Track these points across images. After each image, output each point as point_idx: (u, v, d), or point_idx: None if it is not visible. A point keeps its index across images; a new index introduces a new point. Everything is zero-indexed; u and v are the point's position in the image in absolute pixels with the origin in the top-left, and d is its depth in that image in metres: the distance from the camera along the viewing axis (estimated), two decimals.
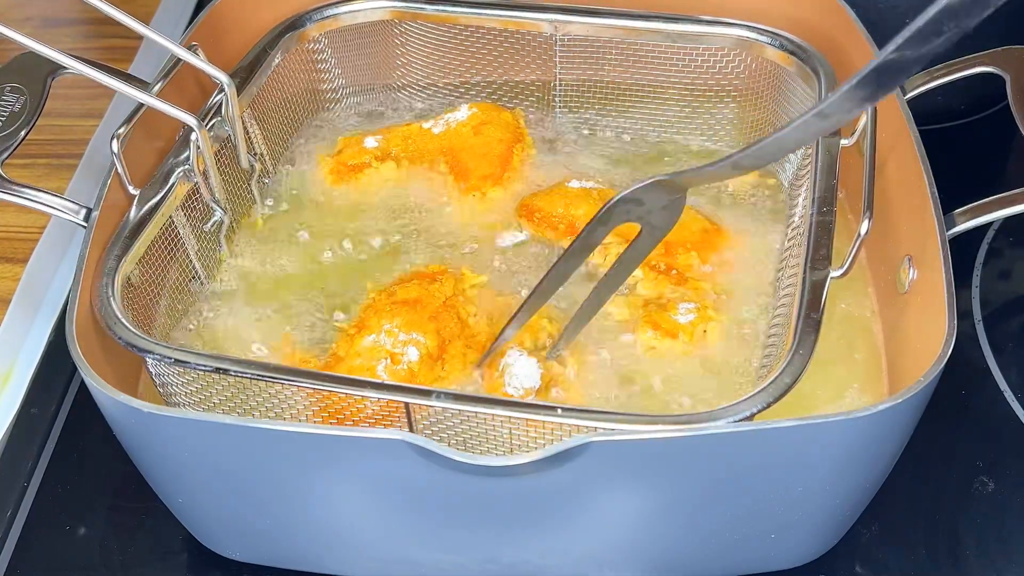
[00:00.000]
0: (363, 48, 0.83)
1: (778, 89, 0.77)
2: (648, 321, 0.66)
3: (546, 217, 0.74)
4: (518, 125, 0.81)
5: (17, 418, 0.71)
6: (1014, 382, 0.72)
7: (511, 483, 0.53)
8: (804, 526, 0.59)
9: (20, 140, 0.66)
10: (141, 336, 0.58)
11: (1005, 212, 0.60)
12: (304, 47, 0.80)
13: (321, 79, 0.83)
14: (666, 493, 0.55)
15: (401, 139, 0.79)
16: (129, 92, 0.65)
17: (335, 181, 0.78)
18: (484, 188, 0.76)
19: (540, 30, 0.79)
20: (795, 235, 0.68)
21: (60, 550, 0.66)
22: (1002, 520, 0.65)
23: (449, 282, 0.68)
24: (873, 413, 0.51)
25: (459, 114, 0.80)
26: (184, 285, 0.69)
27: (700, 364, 0.65)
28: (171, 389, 0.60)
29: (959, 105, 0.91)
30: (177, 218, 0.67)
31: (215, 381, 0.58)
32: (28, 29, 0.99)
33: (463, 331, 0.66)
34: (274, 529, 0.60)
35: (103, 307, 0.59)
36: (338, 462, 0.54)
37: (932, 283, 0.60)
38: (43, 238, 0.80)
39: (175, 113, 0.65)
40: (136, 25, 0.66)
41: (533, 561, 0.60)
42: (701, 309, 0.67)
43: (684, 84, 0.79)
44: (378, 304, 0.67)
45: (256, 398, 0.58)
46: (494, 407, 0.54)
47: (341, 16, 0.80)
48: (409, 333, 0.64)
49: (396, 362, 0.63)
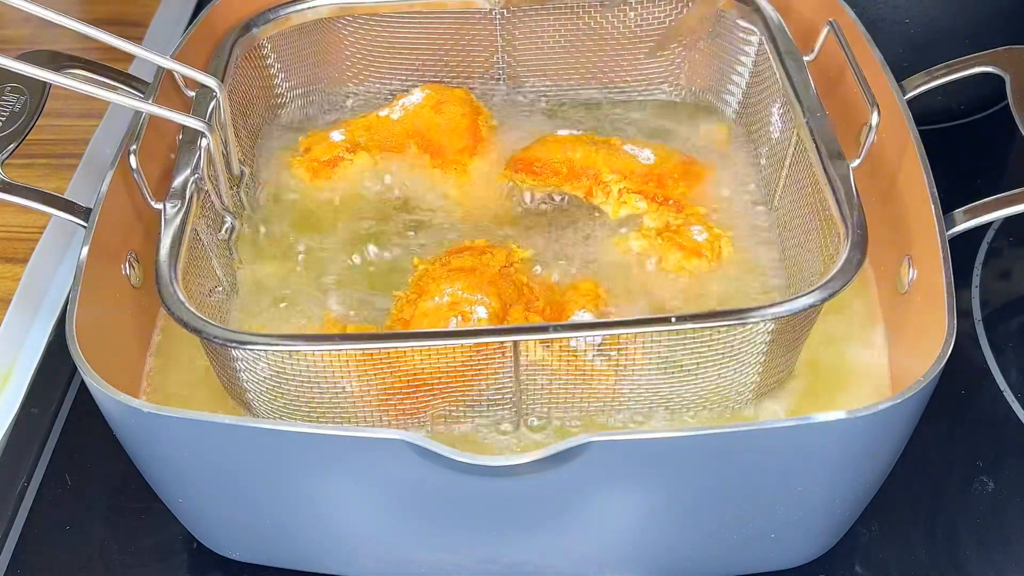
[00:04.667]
0: (306, 48, 0.82)
1: (719, 34, 0.80)
2: (672, 244, 0.69)
3: (547, 164, 0.75)
4: (471, 100, 0.81)
5: (17, 418, 0.71)
6: (1014, 382, 0.72)
7: (511, 483, 0.53)
8: (804, 526, 0.59)
9: (20, 140, 0.66)
10: (237, 332, 0.57)
11: (1005, 212, 0.60)
12: (254, 52, 0.79)
13: (272, 82, 0.82)
14: (666, 493, 0.55)
15: (363, 130, 0.79)
16: (134, 104, 0.64)
17: (313, 178, 0.77)
18: (464, 161, 0.77)
19: (477, 6, 0.80)
20: (778, 149, 0.73)
21: (60, 550, 0.66)
22: (1002, 520, 0.65)
23: (501, 253, 0.69)
24: (873, 413, 0.51)
25: (413, 97, 0.80)
26: (208, 295, 0.67)
27: (729, 275, 0.69)
28: (260, 386, 0.59)
29: (959, 105, 0.91)
30: (199, 227, 0.66)
31: (313, 364, 0.57)
32: (28, 29, 0.99)
33: (521, 297, 0.66)
34: (274, 529, 0.60)
35: (186, 315, 0.57)
36: (338, 462, 0.54)
37: (932, 283, 0.60)
38: (43, 238, 0.80)
39: (184, 120, 0.65)
40: (121, 43, 0.65)
41: (533, 561, 0.60)
42: (710, 228, 0.70)
43: (627, 36, 0.81)
44: (434, 272, 0.67)
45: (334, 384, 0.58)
46: (610, 328, 0.58)
47: (284, 18, 0.80)
48: (473, 294, 0.64)
49: (466, 320, 0.63)
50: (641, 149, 0.76)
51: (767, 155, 0.75)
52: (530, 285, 0.68)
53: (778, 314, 0.56)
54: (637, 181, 0.73)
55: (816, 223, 0.65)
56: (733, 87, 0.81)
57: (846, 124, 0.71)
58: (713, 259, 0.69)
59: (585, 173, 0.74)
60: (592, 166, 0.74)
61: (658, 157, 0.75)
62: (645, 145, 0.77)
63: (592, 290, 0.67)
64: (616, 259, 0.71)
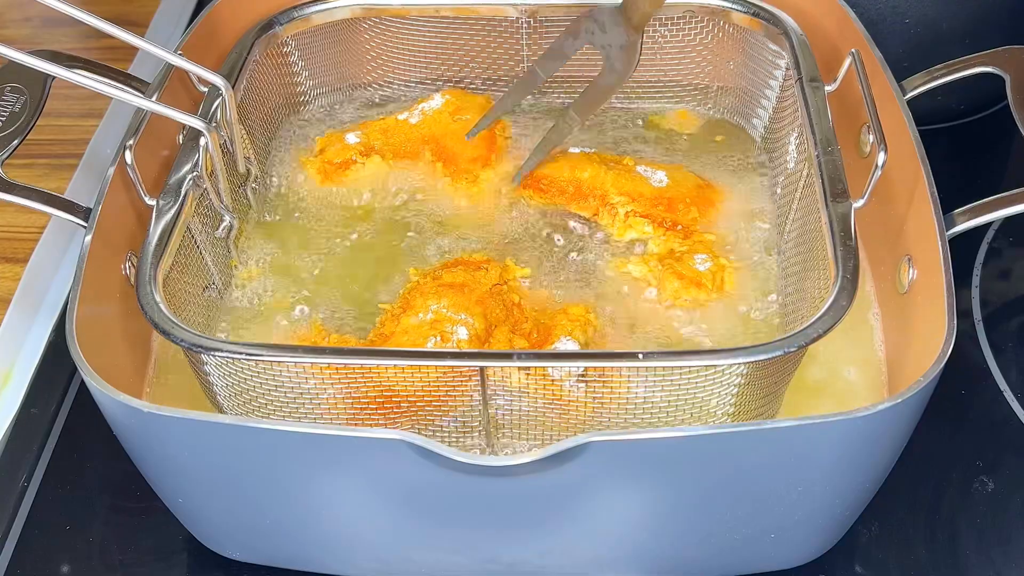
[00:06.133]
0: (330, 47, 0.82)
1: (745, 52, 0.79)
2: (672, 273, 0.68)
3: (553, 183, 0.74)
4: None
5: (17, 418, 0.71)
6: (1014, 382, 0.72)
7: (511, 483, 0.53)
8: (804, 526, 0.59)
9: (20, 140, 0.66)
10: (204, 336, 0.56)
11: (1005, 212, 0.60)
12: (275, 50, 0.80)
13: (293, 81, 0.82)
14: (666, 493, 0.55)
15: (380, 133, 0.79)
16: (135, 101, 0.64)
17: (323, 180, 0.77)
18: (475, 171, 0.77)
19: (505, 14, 0.79)
20: (792, 180, 0.71)
21: (60, 550, 0.66)
22: (1002, 520, 0.65)
23: (495, 270, 0.68)
24: (873, 413, 0.51)
25: (433, 102, 0.80)
26: (201, 293, 0.67)
27: (726, 309, 0.68)
28: (229, 390, 0.59)
29: (959, 105, 0.91)
30: (193, 225, 0.66)
31: (279, 374, 0.56)
32: (28, 30, 0.99)
33: (508, 317, 0.65)
34: (274, 529, 0.60)
35: (158, 316, 0.57)
36: (338, 462, 0.54)
37: (932, 283, 0.60)
38: (43, 238, 0.80)
39: (183, 118, 0.65)
40: (128, 37, 0.65)
41: (533, 561, 0.60)
42: (714, 258, 0.69)
43: (654, 52, 0.81)
44: (423, 286, 0.67)
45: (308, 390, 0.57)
46: (577, 360, 0.56)
47: (307, 17, 0.80)
48: (458, 313, 0.63)
49: (446, 340, 0.62)
50: (655, 171, 0.74)
51: (783, 184, 0.74)
52: (521, 306, 0.67)
53: (751, 359, 0.54)
54: (646, 204, 0.72)
55: (815, 262, 0.64)
56: (760, 111, 0.80)
57: (847, 121, 0.71)
58: (714, 290, 0.68)
59: (592, 193, 0.73)
60: (600, 187, 0.73)
61: (672, 180, 0.74)
62: (660, 167, 0.75)
63: (582, 316, 0.66)
64: (614, 284, 0.70)
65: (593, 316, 0.66)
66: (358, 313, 0.69)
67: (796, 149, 0.72)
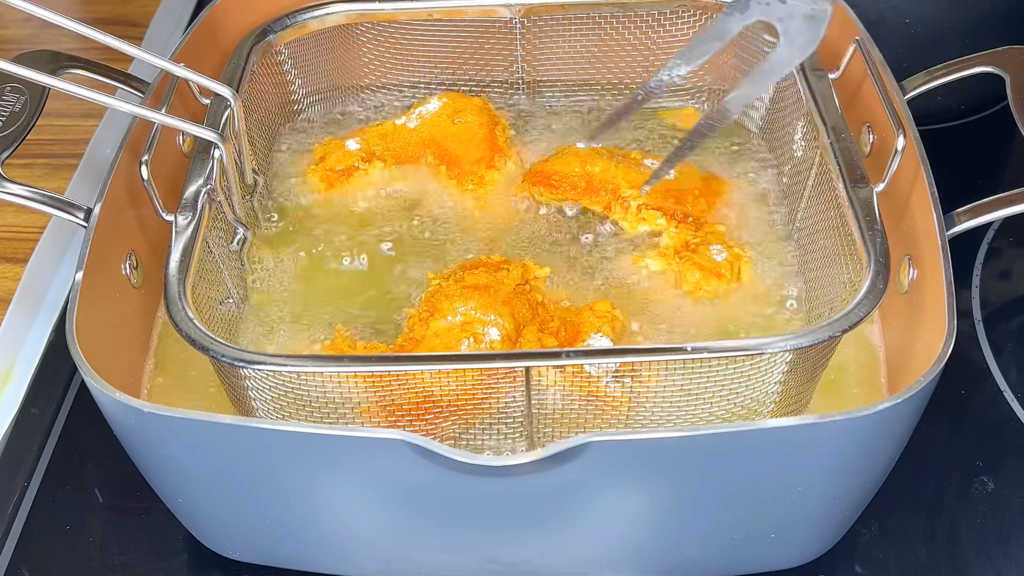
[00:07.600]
0: (324, 54, 0.82)
1: (740, 46, 0.78)
2: (692, 264, 0.68)
3: (565, 177, 0.74)
4: (489, 109, 0.81)
5: (17, 418, 0.71)
6: (1014, 382, 0.72)
7: (511, 483, 0.53)
8: (804, 526, 0.59)
9: (20, 140, 0.66)
10: (246, 351, 0.55)
11: (1005, 212, 0.60)
12: (271, 58, 0.79)
13: (288, 89, 0.82)
14: (666, 493, 0.55)
15: (379, 138, 0.79)
16: (148, 115, 0.64)
17: (327, 188, 0.77)
18: (480, 172, 0.76)
19: (498, 15, 0.79)
20: (801, 168, 0.71)
21: (60, 550, 0.66)
22: (1002, 520, 0.65)
23: (517, 270, 0.68)
24: (873, 413, 0.51)
25: (431, 106, 0.80)
26: (218, 307, 0.67)
27: (746, 298, 0.68)
28: (270, 404, 0.58)
29: (959, 105, 0.91)
30: (211, 239, 0.65)
31: (321, 384, 0.56)
32: (28, 30, 0.99)
33: (535, 317, 0.65)
34: (274, 529, 0.60)
35: (195, 332, 0.56)
36: (338, 462, 0.54)
37: (932, 283, 0.60)
38: (43, 238, 0.80)
39: (196, 131, 0.65)
40: (128, 48, 0.65)
41: (533, 561, 0.60)
42: (729, 248, 0.69)
43: (648, 46, 0.80)
44: (447, 289, 0.66)
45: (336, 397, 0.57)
46: (626, 356, 0.56)
47: (301, 24, 0.79)
48: (487, 315, 0.63)
49: (479, 341, 0.62)
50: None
51: (789, 174, 0.74)
52: (545, 304, 0.67)
53: (798, 345, 0.55)
54: (656, 197, 0.72)
55: (837, 248, 0.64)
56: (756, 102, 0.80)
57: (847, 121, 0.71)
58: (733, 280, 0.68)
59: (604, 187, 0.73)
60: (611, 180, 0.73)
61: (678, 173, 0.74)
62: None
63: (608, 311, 0.66)
64: (633, 278, 0.70)
65: (618, 311, 0.67)
66: (377, 318, 0.68)
67: (803, 138, 0.72)
